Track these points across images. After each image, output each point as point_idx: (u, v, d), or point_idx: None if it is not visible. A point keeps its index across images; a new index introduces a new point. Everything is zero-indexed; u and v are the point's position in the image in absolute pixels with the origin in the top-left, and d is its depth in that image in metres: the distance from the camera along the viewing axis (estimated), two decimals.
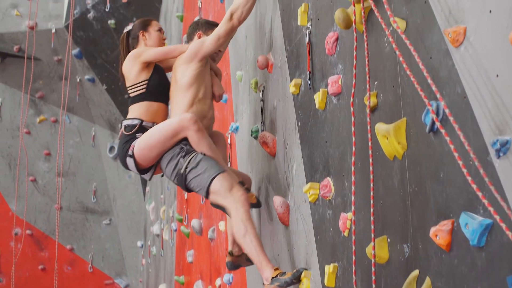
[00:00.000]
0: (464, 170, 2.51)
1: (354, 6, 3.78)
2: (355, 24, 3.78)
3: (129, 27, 6.18)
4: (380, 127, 3.46)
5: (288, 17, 5.32)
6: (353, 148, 3.57)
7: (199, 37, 5.82)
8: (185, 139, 5.36)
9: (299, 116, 5.00)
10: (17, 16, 15.28)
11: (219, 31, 5.49)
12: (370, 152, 3.43)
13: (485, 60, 2.58)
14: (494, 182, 2.45)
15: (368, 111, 3.49)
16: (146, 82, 5.72)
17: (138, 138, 5.51)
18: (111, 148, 16.20)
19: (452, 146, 2.60)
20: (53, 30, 15.21)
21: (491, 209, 2.37)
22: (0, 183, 15.93)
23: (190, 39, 5.94)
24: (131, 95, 5.79)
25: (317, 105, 4.49)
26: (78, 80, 15.51)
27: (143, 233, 16.10)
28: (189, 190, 5.38)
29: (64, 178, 15.89)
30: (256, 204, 5.64)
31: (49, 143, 16.11)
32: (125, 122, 5.65)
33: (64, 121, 15.16)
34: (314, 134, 4.67)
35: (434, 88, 2.71)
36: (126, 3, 13.54)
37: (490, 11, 2.54)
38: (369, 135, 3.45)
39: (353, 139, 3.59)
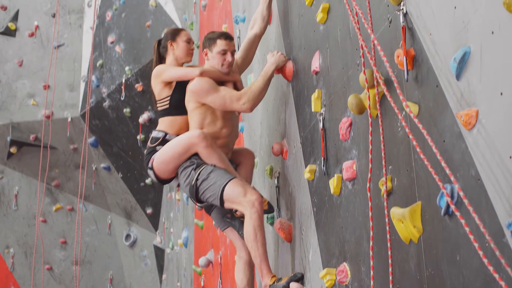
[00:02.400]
0: (480, 252, 2.50)
1: (367, 91, 3.82)
2: (369, 109, 3.81)
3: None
4: (396, 211, 3.45)
5: (301, 104, 5.37)
6: (371, 233, 3.56)
7: (206, 55, 5.85)
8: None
9: (315, 202, 5.00)
10: (33, 105, 15.48)
11: (229, 97, 5.59)
12: (388, 236, 3.42)
13: (498, 142, 2.59)
14: (510, 263, 2.43)
15: (384, 195, 3.50)
16: (168, 98, 5.93)
17: (158, 151, 5.74)
18: (127, 236, 16.15)
19: (467, 229, 2.59)
20: (69, 119, 15.37)
21: None
22: (16, 272, 15.88)
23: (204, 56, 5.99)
24: (158, 109, 6.02)
25: (332, 191, 4.50)
26: (94, 168, 15.58)
27: None
28: (201, 201, 5.55)
29: (81, 267, 15.82)
30: (268, 210, 5.60)
31: (65, 232, 16.10)
32: (153, 134, 5.91)
33: (81, 210, 15.17)
34: (329, 219, 4.66)
35: (448, 171, 2.72)
36: (141, 92, 13.69)
37: (501, 94, 2.57)
38: (386, 220, 3.45)
39: (371, 223, 3.59)
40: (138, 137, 14.01)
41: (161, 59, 6.18)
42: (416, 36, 3.35)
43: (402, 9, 3.46)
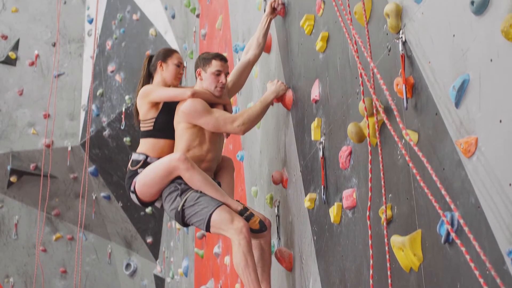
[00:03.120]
0: (481, 280, 2.49)
1: (367, 119, 3.83)
2: (368, 137, 3.82)
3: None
4: (396, 239, 3.45)
5: (301, 132, 5.38)
6: (371, 261, 3.56)
7: (199, 75, 5.80)
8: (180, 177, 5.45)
9: (315, 231, 4.99)
10: (33, 134, 15.50)
11: (222, 120, 5.57)
12: (388, 264, 3.42)
13: (498, 170, 2.59)
14: None
15: (384, 224, 3.49)
16: (153, 120, 5.83)
17: (139, 174, 5.66)
18: (127, 265, 16.10)
19: (468, 257, 2.59)
20: (69, 148, 15.38)
21: None
22: None
23: (196, 76, 5.93)
24: (141, 129, 5.92)
25: (332, 219, 4.49)
26: (94, 197, 15.56)
27: None
28: (187, 225, 5.51)
29: None
30: (260, 229, 5.44)
31: (65, 261, 16.05)
32: (133, 156, 5.81)
33: (81, 239, 15.14)
34: (330, 248, 4.65)
35: (448, 199, 2.72)
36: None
37: (501, 121, 2.58)
38: (386, 248, 3.44)
39: (371, 252, 3.58)
40: None
41: (148, 77, 6.09)
42: (415, 64, 3.36)
43: (401, 37, 3.48)
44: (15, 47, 15.99)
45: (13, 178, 15.47)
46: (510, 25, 2.50)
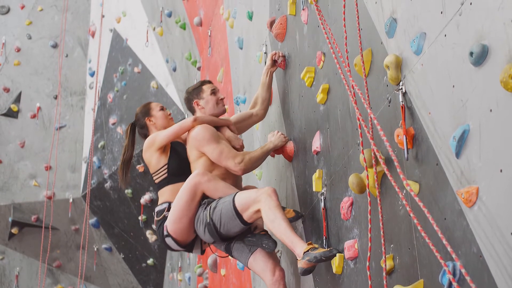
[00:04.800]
0: None
1: (367, 171, 3.84)
2: (369, 188, 3.83)
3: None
4: None
5: (303, 184, 5.39)
6: None
7: (197, 105, 5.87)
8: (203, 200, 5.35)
9: (317, 281, 4.98)
10: (35, 186, 15.50)
11: (221, 153, 5.51)
12: None
13: (499, 219, 2.60)
14: None
15: (384, 274, 3.49)
16: (166, 166, 5.76)
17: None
18: None
19: None
20: (71, 200, 15.38)
21: None
22: None
23: (192, 111, 5.96)
24: (156, 181, 5.82)
25: (334, 270, 4.48)
26: (95, 249, 15.51)
27: None
28: (224, 238, 5.31)
29: None
30: (295, 217, 5.38)
31: None
32: (156, 209, 5.69)
33: None
34: None
35: (449, 248, 2.72)
36: (143, 173, 13.72)
37: (501, 171, 2.59)
38: None
39: None
40: (139, 218, 13.98)
41: (133, 145, 6.16)
42: (415, 115, 3.39)
43: (401, 88, 3.51)
44: (17, 100, 16.06)
45: (14, 230, 15.43)
46: (508, 75, 2.53)
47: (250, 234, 5.34)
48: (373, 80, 3.92)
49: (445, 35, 3.10)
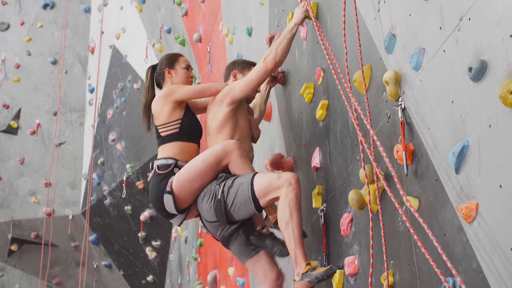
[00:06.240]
0: None
1: (367, 186, 3.84)
2: (369, 204, 3.83)
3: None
4: None
5: (302, 200, 5.38)
6: None
7: (234, 76, 5.57)
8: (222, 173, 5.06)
9: None
10: (34, 203, 15.51)
11: (251, 74, 5.17)
12: None
13: (499, 235, 2.60)
14: None
15: None
16: (179, 121, 5.37)
17: (175, 174, 5.15)
18: None
19: None
20: (70, 217, 15.37)
21: None
22: None
23: (226, 79, 5.70)
24: (163, 134, 5.38)
25: (334, 287, 4.47)
26: (95, 266, 15.49)
27: None
28: (230, 221, 5.02)
29: None
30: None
31: None
32: (158, 162, 5.27)
33: None
34: None
35: (449, 264, 2.71)
36: (142, 189, 13.73)
37: (501, 186, 2.59)
38: None
39: None
40: (139, 234, 13.97)
41: (153, 88, 5.78)
42: (414, 131, 3.39)
43: (401, 104, 3.51)
44: (17, 116, 16.10)
45: (14, 247, 15.43)
46: (507, 91, 2.53)
47: (256, 232, 5.13)
48: (373, 96, 3.93)
49: (444, 51, 3.10)
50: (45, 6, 16.74)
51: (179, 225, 5.51)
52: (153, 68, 5.83)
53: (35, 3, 16.82)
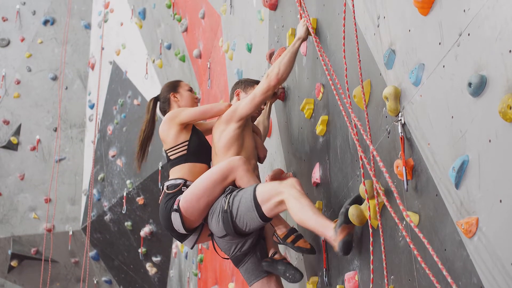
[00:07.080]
0: None
1: (368, 202, 3.84)
2: (369, 219, 3.83)
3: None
4: None
5: None
6: None
7: (237, 95, 5.61)
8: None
9: None
10: (34, 219, 15.49)
11: (254, 91, 5.20)
12: None
13: (499, 249, 2.60)
14: None
15: None
16: (186, 143, 5.43)
17: (183, 192, 5.16)
18: None
19: None
20: (70, 233, 15.35)
21: None
22: None
23: (230, 99, 5.71)
24: (172, 157, 5.45)
25: None
26: (95, 282, 15.46)
27: None
28: (239, 232, 4.94)
29: None
30: (311, 250, 4.81)
31: None
32: (168, 183, 5.31)
33: None
34: None
35: (450, 279, 2.71)
36: (143, 205, 13.72)
37: (501, 201, 2.59)
38: None
39: None
40: (139, 250, 13.95)
41: (153, 121, 5.87)
42: (414, 146, 3.39)
43: (400, 119, 3.52)
44: (17, 132, 16.09)
45: (14, 263, 15.40)
46: (507, 106, 2.54)
47: (269, 259, 5.10)
48: (372, 112, 3.93)
49: (444, 66, 3.11)
50: (45, 22, 16.77)
51: (191, 248, 5.48)
52: (155, 100, 5.92)
53: (35, 19, 16.85)
